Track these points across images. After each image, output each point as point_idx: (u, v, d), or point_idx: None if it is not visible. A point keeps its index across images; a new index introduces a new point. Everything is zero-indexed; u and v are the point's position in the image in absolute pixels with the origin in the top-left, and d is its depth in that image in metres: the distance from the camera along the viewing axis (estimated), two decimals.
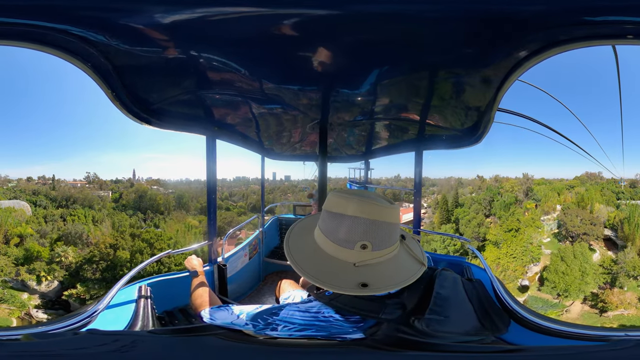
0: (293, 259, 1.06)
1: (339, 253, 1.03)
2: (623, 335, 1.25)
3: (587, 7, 0.88)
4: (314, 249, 1.08)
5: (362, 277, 1.00)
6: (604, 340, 1.28)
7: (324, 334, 1.00)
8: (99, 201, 39.63)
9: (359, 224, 1.01)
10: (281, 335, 1.02)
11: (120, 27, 1.01)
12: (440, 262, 2.98)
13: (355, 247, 1.01)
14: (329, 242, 1.05)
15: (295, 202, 6.21)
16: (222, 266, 2.68)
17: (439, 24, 0.98)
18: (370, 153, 3.99)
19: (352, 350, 0.96)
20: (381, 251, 1.03)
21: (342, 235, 1.02)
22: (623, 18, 0.89)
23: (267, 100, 1.77)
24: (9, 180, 40.50)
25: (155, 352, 0.95)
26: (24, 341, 1.08)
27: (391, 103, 1.83)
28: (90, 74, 1.22)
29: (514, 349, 1.06)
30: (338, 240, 1.03)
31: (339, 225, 1.03)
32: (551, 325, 1.37)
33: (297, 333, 1.01)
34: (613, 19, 0.90)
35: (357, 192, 1.09)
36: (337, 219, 1.03)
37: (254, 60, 1.27)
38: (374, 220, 1.01)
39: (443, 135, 2.42)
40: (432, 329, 0.94)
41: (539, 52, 1.03)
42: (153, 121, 1.75)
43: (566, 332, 1.33)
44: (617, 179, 36.19)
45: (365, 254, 1.01)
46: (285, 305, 1.09)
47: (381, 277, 1.01)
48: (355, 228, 1.01)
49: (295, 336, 1.01)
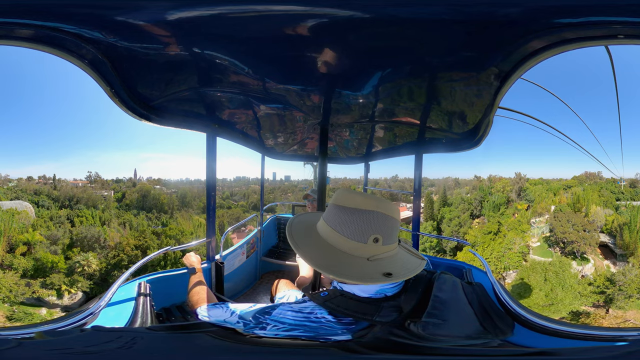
0: (304, 253, 1.07)
1: (350, 246, 1.04)
2: (637, 334, 1.22)
3: (576, 8, 0.89)
4: (321, 243, 1.10)
5: (379, 268, 1.02)
6: (620, 340, 1.26)
7: (311, 335, 1.01)
8: (103, 201, 39.26)
9: (373, 218, 1.04)
10: (267, 335, 1.04)
11: (117, 23, 1.00)
12: (440, 265, 2.99)
13: (368, 241, 1.03)
14: (338, 236, 1.06)
15: (295, 202, 6.23)
16: (220, 264, 2.69)
17: (438, 27, 0.98)
18: (370, 155, 3.99)
19: (329, 352, 0.96)
20: (389, 245, 1.07)
21: (354, 228, 1.04)
22: (612, 18, 0.90)
23: (268, 99, 1.78)
24: (9, 179, 39.95)
25: (152, 349, 0.97)
26: (38, 339, 1.10)
27: (392, 106, 1.83)
28: (88, 70, 1.21)
29: (532, 352, 1.06)
30: (350, 233, 1.05)
31: (351, 218, 1.05)
32: (557, 326, 1.36)
33: (283, 333, 1.03)
34: (602, 20, 0.90)
35: (361, 191, 1.13)
36: (349, 213, 1.05)
37: (258, 59, 1.27)
38: (386, 215, 1.05)
39: (442, 138, 2.42)
40: (428, 333, 0.94)
41: (536, 54, 1.03)
42: (153, 118, 1.75)
43: (572, 333, 1.32)
44: (616, 179, 33.89)
45: (377, 247, 1.04)
46: (279, 305, 1.10)
47: (397, 267, 1.04)
48: (369, 222, 1.04)
49: (281, 336, 1.03)
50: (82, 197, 37.85)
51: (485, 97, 1.43)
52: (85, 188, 41.59)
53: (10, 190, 36.05)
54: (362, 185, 5.18)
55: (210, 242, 2.60)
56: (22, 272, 21.54)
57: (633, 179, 34.24)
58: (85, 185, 43.14)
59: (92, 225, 30.57)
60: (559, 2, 0.89)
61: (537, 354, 1.04)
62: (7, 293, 19.74)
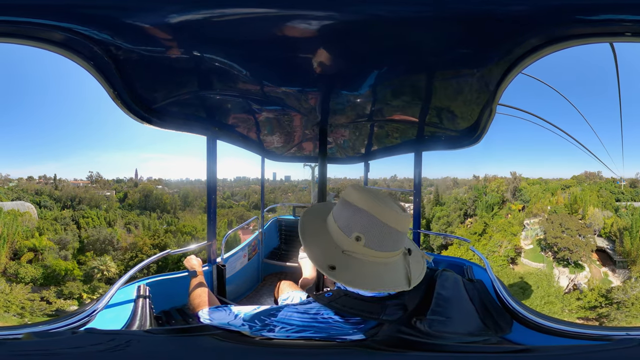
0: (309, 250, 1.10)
1: (339, 236, 1.06)
2: (624, 334, 1.26)
3: (584, 5, 0.89)
4: (321, 231, 1.13)
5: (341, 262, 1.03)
6: (606, 339, 1.28)
7: (323, 335, 1.01)
8: (106, 201, 39.09)
9: (361, 217, 1.03)
10: (278, 337, 1.03)
11: (124, 25, 1.01)
12: (441, 262, 2.98)
13: (351, 236, 1.04)
14: (334, 223, 1.10)
15: (295, 203, 6.24)
16: (221, 267, 2.68)
17: (435, 24, 0.99)
18: (369, 154, 3.99)
19: (352, 352, 0.96)
20: (374, 251, 1.03)
21: (345, 219, 1.06)
22: (621, 16, 0.89)
23: (267, 101, 1.78)
24: (9, 179, 39.60)
25: (148, 351, 0.97)
26: (24, 340, 1.09)
27: (390, 104, 1.83)
28: (93, 72, 1.22)
29: (520, 349, 1.07)
30: (341, 223, 1.07)
31: (346, 211, 1.07)
32: (553, 325, 1.37)
33: (294, 334, 1.02)
34: (610, 17, 0.90)
35: (375, 191, 1.12)
36: (347, 205, 1.07)
37: (256, 62, 1.27)
38: (376, 219, 1.02)
39: (442, 136, 2.42)
40: (435, 330, 0.94)
41: (535, 51, 1.03)
42: (154, 120, 1.75)
43: (568, 331, 1.33)
44: (616, 179, 32.50)
45: (358, 246, 1.03)
46: (283, 307, 1.10)
47: (368, 277, 1.02)
48: (355, 218, 1.04)
49: (292, 337, 1.02)
50: (84, 197, 37.74)
51: (485, 93, 1.42)
52: (87, 188, 41.62)
53: (11, 190, 35.61)
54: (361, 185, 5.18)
55: (211, 245, 2.60)
56: (29, 280, 19.40)
57: (633, 179, 33.17)
58: (86, 185, 43.18)
59: (98, 226, 29.64)
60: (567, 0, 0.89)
61: (521, 351, 1.04)
62: (17, 310, 17.31)
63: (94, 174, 46.63)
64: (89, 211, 33.66)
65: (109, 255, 24.69)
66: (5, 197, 32.20)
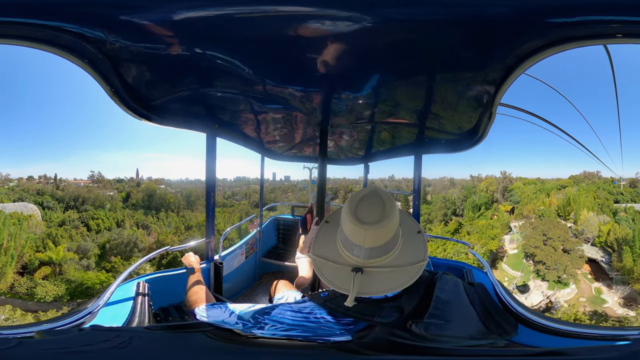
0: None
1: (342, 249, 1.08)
2: (638, 334, 1.25)
3: (574, 6, 0.89)
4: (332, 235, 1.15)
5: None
6: (621, 339, 1.27)
7: (309, 335, 1.02)
8: (110, 201, 38.57)
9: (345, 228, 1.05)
10: (265, 335, 1.04)
11: (120, 23, 1.00)
12: (440, 266, 2.98)
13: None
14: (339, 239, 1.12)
15: (294, 203, 6.26)
16: (219, 264, 2.69)
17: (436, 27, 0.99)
18: (369, 156, 4.00)
19: (331, 353, 0.97)
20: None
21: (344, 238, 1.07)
22: (610, 17, 0.90)
23: (269, 100, 1.78)
24: (9, 179, 38.68)
25: (148, 348, 0.98)
26: (38, 339, 1.11)
27: (391, 107, 1.84)
28: (88, 70, 1.22)
29: (543, 352, 1.06)
30: (342, 240, 1.08)
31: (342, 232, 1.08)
32: (558, 326, 1.37)
33: (281, 333, 1.03)
34: (600, 19, 0.90)
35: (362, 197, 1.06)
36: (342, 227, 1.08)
37: (259, 60, 1.27)
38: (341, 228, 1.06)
39: (442, 139, 2.42)
40: (431, 333, 0.94)
41: (534, 54, 1.03)
42: (153, 117, 1.75)
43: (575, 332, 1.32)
44: (615, 178, 30.31)
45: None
46: (278, 305, 1.11)
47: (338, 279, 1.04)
48: (350, 243, 1.05)
49: (278, 336, 1.03)
50: (88, 197, 37.22)
51: (484, 96, 1.43)
52: (89, 188, 41.39)
53: (12, 190, 34.34)
54: (361, 185, 5.19)
55: (209, 243, 2.61)
56: (52, 300, 15.97)
57: (633, 179, 31.01)
58: (87, 185, 43.09)
59: (109, 227, 28.04)
60: (556, 1, 0.89)
61: (545, 354, 1.03)
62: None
63: (96, 174, 46.65)
64: (97, 212, 32.41)
65: (137, 257, 22.77)
66: (7, 198, 30.89)
